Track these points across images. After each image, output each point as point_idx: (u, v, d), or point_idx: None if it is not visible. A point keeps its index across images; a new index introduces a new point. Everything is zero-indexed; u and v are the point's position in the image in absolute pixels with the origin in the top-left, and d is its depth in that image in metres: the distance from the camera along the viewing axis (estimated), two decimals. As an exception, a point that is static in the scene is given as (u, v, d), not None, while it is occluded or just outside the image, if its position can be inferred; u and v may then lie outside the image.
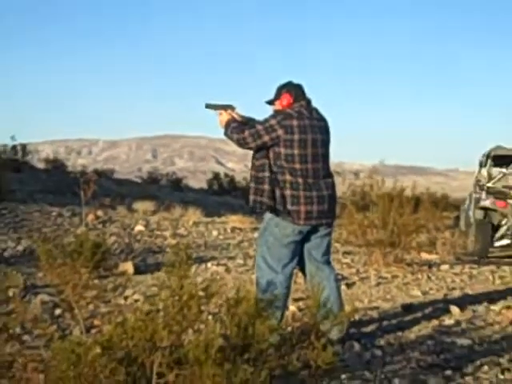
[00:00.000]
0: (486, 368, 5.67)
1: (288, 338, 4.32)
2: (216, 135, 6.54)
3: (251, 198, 6.16)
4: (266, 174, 6.04)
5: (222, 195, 31.58)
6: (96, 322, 6.55)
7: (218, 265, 10.91)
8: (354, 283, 9.92)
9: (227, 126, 6.19)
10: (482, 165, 16.31)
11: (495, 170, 16.28)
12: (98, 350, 3.52)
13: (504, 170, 15.98)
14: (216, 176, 37.59)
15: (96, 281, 7.62)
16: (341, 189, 14.41)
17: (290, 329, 4.48)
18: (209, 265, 10.89)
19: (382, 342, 6.51)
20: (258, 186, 6.07)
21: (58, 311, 7.36)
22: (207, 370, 3.58)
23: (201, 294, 3.79)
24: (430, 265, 12.02)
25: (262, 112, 6.39)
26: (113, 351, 3.56)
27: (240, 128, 6.11)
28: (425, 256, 13.04)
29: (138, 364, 3.59)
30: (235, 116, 6.26)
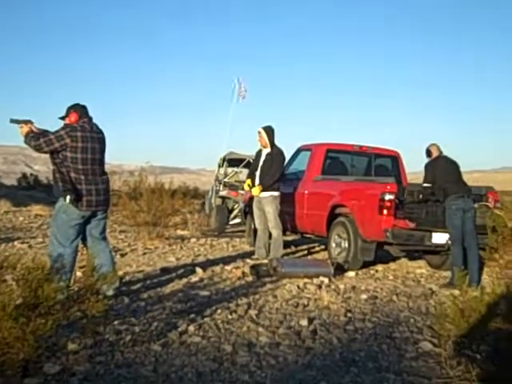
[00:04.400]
0: (219, 311, 5.83)
1: (71, 295, 4.27)
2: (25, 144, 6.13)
3: (54, 188, 6.28)
4: (62, 170, 6.04)
5: (29, 190, 30.16)
6: None
7: (22, 243, 10.45)
8: (126, 253, 9.86)
9: (27, 135, 6.12)
10: (220, 165, 16.74)
11: (230, 169, 16.81)
12: None
13: (236, 169, 16.56)
14: (24, 175, 36.39)
15: None
16: (118, 184, 14.26)
17: (76, 288, 4.43)
18: (15, 243, 10.40)
19: (145, 295, 6.52)
20: (56, 180, 6.07)
21: None
22: (5, 323, 3.47)
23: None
24: (182, 238, 12.18)
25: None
26: None
27: (36, 137, 6.06)
28: (179, 232, 13.20)
29: None
30: (33, 128, 6.14)
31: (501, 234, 8.09)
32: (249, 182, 9.60)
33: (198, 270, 8.11)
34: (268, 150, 9.38)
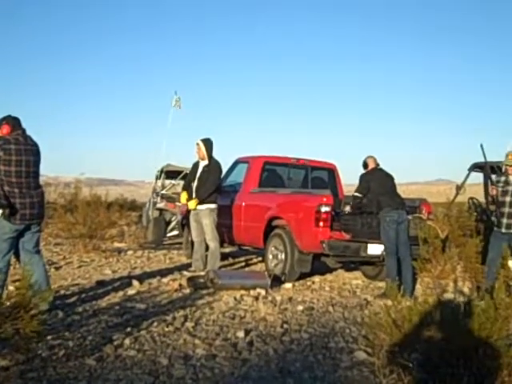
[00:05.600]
0: (156, 324, 5.77)
1: (3, 311, 4.14)
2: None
3: None
4: None
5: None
6: None
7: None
8: (61, 266, 9.66)
9: None
10: (157, 177, 16.62)
11: (167, 182, 16.71)
12: None
13: (173, 181, 16.47)
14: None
15: None
16: (53, 196, 13.98)
17: (8, 304, 4.30)
18: None
19: (80, 309, 6.39)
20: None
21: None
22: None
23: None
24: (119, 251, 12.02)
25: None
26: None
27: None
28: (116, 244, 13.04)
29: None
30: None
31: (432, 245, 8.29)
32: (185, 194, 9.53)
33: (135, 282, 8.01)
34: (205, 162, 9.35)
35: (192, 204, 9.27)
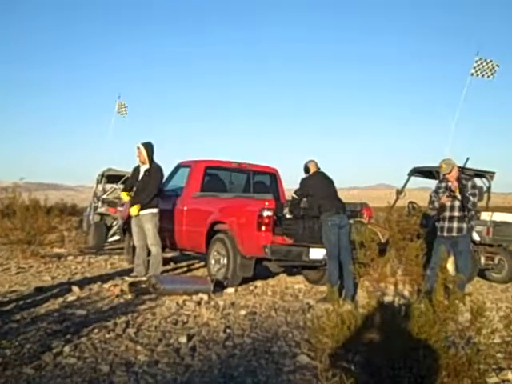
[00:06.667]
0: (96, 330, 5.66)
1: None
2: None
3: None
4: None
5: None
6: None
7: None
8: (-3, 274, 9.39)
9: None
10: (98, 182, 16.35)
11: (108, 186, 16.45)
12: None
13: (114, 185, 16.22)
14: None
15: None
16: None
17: None
18: None
19: (17, 316, 6.19)
20: None
21: None
22: None
23: None
24: (59, 256, 11.76)
25: None
26: None
27: None
28: (56, 250, 12.75)
29: None
30: None
31: (369, 249, 8.40)
32: (126, 194, 9.49)
33: (75, 288, 7.85)
34: (146, 166, 9.27)
35: (134, 210, 9.17)
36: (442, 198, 7.81)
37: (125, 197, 9.59)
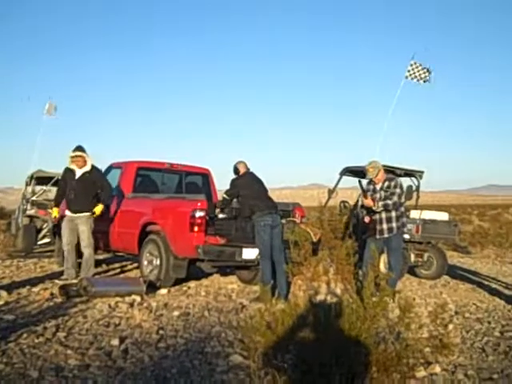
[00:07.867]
0: (25, 335, 5.50)
1: None
2: None
3: None
4: None
5: None
6: None
7: None
8: None
9: None
10: (27, 183, 15.91)
11: (38, 188, 16.04)
12: None
13: (44, 187, 15.83)
14: None
15: None
16: None
17: None
18: None
19: None
20: None
21: None
22: None
23: None
24: (-14, 260, 11.39)
25: None
26: None
27: None
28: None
29: None
30: None
31: (303, 248, 8.47)
32: (56, 210, 9.40)
33: (3, 293, 7.60)
34: (86, 168, 9.19)
35: (98, 210, 9.25)
36: (365, 201, 8.10)
37: (55, 213, 9.46)
